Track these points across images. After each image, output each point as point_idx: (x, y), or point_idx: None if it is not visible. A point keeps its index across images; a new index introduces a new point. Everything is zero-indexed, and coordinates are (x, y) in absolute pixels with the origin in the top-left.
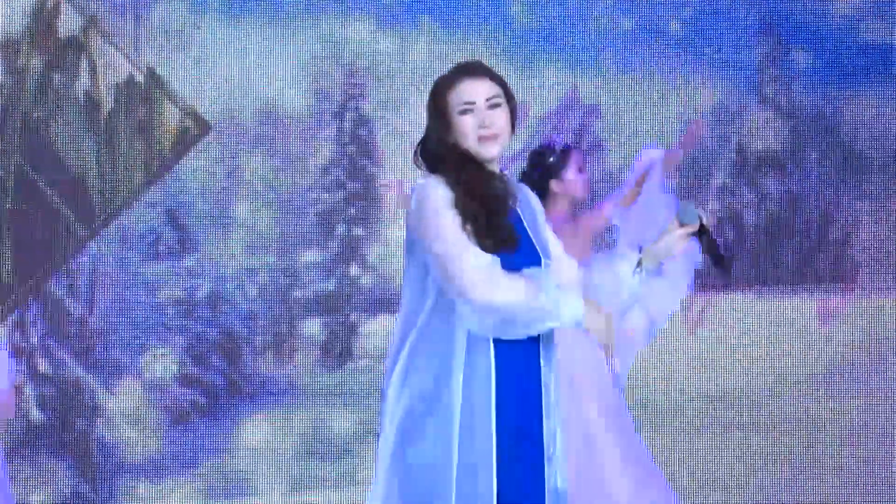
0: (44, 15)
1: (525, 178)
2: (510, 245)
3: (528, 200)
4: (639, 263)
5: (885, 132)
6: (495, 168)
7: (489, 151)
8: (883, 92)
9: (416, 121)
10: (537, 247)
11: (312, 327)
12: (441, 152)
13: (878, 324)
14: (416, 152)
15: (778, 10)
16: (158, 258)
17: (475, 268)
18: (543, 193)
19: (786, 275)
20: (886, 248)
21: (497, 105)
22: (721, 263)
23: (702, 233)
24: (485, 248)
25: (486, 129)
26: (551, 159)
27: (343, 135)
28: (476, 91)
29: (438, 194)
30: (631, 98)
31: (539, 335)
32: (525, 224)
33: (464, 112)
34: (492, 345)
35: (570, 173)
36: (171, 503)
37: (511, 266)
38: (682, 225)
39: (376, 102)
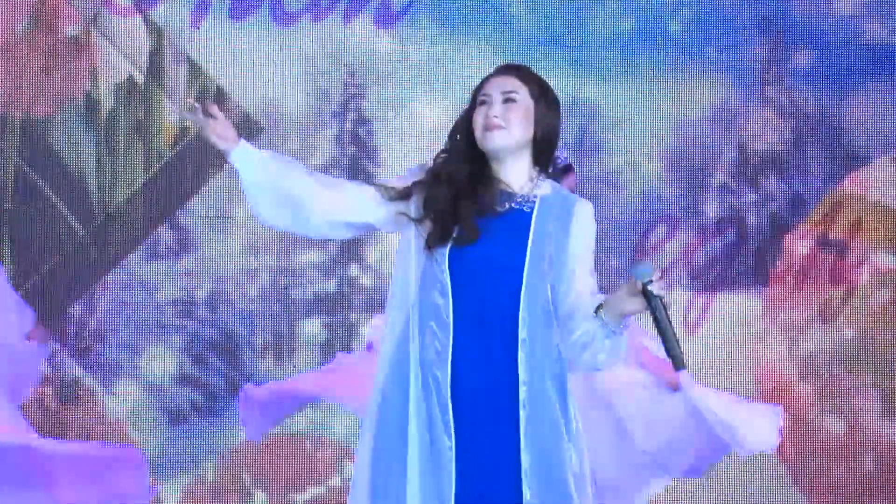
0: (44, 15)
1: None
2: (465, 233)
3: (562, 213)
4: (599, 307)
5: (887, 132)
6: (519, 171)
7: (488, 140)
8: (885, 92)
9: (417, 120)
10: (529, 251)
11: (312, 328)
12: (452, 137)
13: (879, 324)
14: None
15: (779, 9)
16: (157, 258)
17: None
18: None
19: (786, 275)
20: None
21: (512, 100)
22: (665, 341)
23: (647, 296)
24: (441, 233)
25: (488, 119)
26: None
27: (343, 135)
28: (495, 85)
29: (414, 168)
30: (631, 99)
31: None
32: (532, 228)
33: (480, 103)
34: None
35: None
36: (171, 503)
37: (487, 258)
38: (635, 281)
39: (376, 102)
